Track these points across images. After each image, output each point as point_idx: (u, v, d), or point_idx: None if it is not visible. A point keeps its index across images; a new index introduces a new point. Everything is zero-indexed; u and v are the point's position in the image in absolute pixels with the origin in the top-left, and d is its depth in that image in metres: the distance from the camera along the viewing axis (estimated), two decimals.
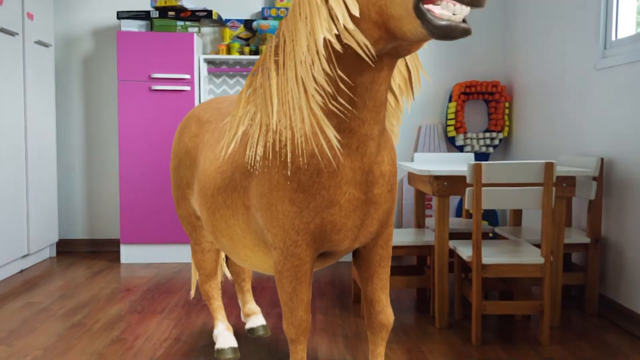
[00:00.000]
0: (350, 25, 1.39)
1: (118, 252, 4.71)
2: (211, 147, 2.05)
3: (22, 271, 4.07)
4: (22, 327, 2.89)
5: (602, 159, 3.07)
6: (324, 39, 1.52)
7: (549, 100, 3.89)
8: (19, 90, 3.95)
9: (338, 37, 1.50)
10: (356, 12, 1.37)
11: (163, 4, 4.25)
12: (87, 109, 4.72)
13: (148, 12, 4.30)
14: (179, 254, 4.36)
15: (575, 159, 3.30)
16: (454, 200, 4.72)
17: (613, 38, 3.15)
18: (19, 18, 3.95)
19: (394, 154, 1.73)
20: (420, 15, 1.25)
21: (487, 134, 4.60)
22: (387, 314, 1.85)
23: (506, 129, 4.60)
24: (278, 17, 4.51)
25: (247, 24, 4.55)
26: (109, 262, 4.37)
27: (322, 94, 1.51)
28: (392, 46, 1.43)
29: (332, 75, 1.53)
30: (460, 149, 4.68)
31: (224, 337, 2.43)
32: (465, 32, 1.23)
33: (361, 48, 1.45)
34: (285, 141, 1.63)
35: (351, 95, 1.54)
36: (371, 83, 1.52)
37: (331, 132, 1.51)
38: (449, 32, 1.23)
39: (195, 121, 2.27)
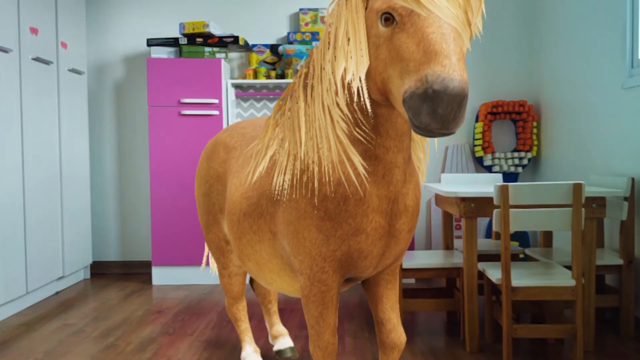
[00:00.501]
0: (356, 83, 1.44)
1: (150, 274, 4.78)
2: (236, 173, 2.09)
3: (57, 293, 4.16)
4: (57, 348, 2.95)
5: (632, 179, 3.03)
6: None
7: (577, 119, 3.86)
8: (54, 117, 4.08)
9: None
10: (362, 73, 1.42)
11: (191, 31, 4.36)
12: (119, 134, 4.84)
13: (177, 39, 4.41)
14: (209, 275, 4.41)
15: (605, 179, 3.26)
16: (483, 222, 4.69)
17: None
18: (54, 47, 4.09)
19: (419, 192, 1.74)
20: (406, 110, 1.27)
21: (516, 154, 4.57)
22: (398, 333, 1.85)
23: (535, 148, 4.56)
24: (303, 42, 4.58)
25: (273, 48, 4.63)
26: (141, 283, 4.44)
27: (347, 121, 1.55)
28: None
29: (355, 104, 1.57)
30: (489, 169, 4.65)
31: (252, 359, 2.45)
32: (443, 134, 1.25)
33: (363, 100, 1.52)
34: (312, 169, 1.66)
35: (374, 124, 1.57)
36: (389, 114, 1.55)
37: (357, 159, 1.54)
38: (428, 134, 1.26)
39: (223, 147, 2.31)
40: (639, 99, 3.07)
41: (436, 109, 1.20)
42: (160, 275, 4.40)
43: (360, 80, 1.48)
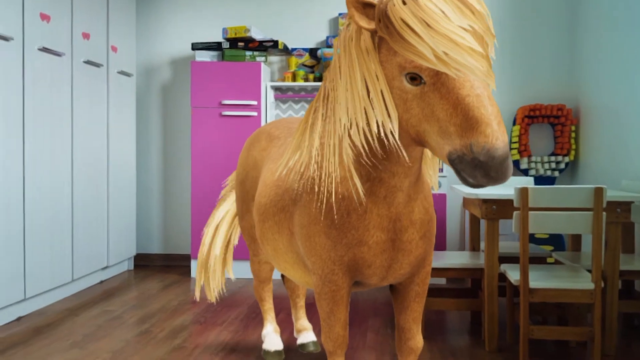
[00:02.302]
0: (388, 127, 1.46)
1: (189, 267, 4.99)
2: (275, 160, 2.20)
3: (102, 282, 4.41)
4: (95, 332, 3.16)
5: None
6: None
7: (614, 125, 3.81)
8: (103, 117, 4.33)
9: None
10: (395, 120, 1.45)
11: (233, 36, 4.54)
12: (163, 134, 5.07)
13: (220, 43, 4.60)
14: (245, 270, 4.57)
15: (636, 184, 3.22)
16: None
17: None
18: (104, 51, 4.35)
19: (429, 201, 1.78)
20: (453, 167, 1.35)
21: (553, 158, 4.53)
22: (416, 340, 1.93)
23: (572, 152, 4.51)
24: None
25: (312, 52, 4.76)
26: (180, 275, 4.65)
27: (354, 150, 1.64)
28: None
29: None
30: (525, 172, 4.63)
31: (271, 339, 2.61)
32: (494, 184, 1.34)
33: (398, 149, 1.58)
34: (321, 181, 1.76)
35: (387, 151, 1.61)
36: (407, 146, 1.57)
37: (358, 183, 1.62)
38: (478, 187, 1.35)
39: (266, 136, 2.42)
40: None
41: (488, 173, 1.29)
42: None
43: (392, 130, 1.48)
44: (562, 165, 4.54)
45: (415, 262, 1.80)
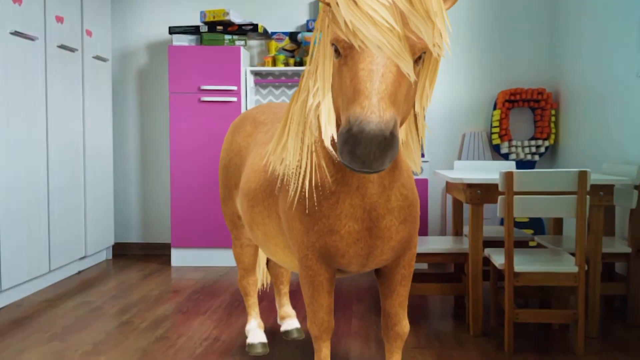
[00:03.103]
0: (314, 110, 1.53)
1: (169, 256, 4.92)
2: (263, 145, 2.17)
3: (79, 272, 4.33)
4: (75, 323, 3.10)
5: None
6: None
7: (594, 108, 3.83)
8: (79, 103, 4.22)
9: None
10: (323, 101, 1.46)
11: (212, 19, 4.44)
12: (141, 120, 4.97)
13: (198, 27, 4.50)
14: (226, 257, 4.52)
15: (617, 167, 3.24)
16: (496, 208, 4.69)
17: None
18: (79, 35, 4.22)
19: (408, 187, 1.73)
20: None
21: (533, 142, 4.55)
22: (402, 325, 1.92)
23: (552, 136, 4.53)
24: None
25: (292, 36, 4.69)
26: (160, 264, 4.58)
27: (318, 135, 1.62)
28: None
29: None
30: (506, 156, 4.65)
31: (255, 333, 2.57)
32: (368, 172, 1.26)
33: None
34: (293, 170, 1.74)
35: None
36: None
37: (325, 170, 1.63)
38: (353, 170, 1.27)
39: (251, 121, 2.39)
40: None
41: (354, 150, 1.20)
42: (179, 257, 4.53)
43: (324, 109, 1.50)
44: (542, 149, 4.56)
45: (398, 246, 1.78)
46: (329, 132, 1.48)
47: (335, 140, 1.60)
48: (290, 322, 2.79)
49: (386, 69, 1.28)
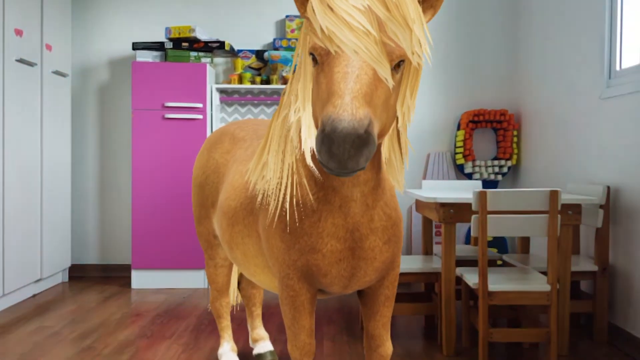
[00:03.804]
0: (296, 121, 1.53)
1: (129, 277, 4.76)
2: (243, 161, 2.11)
3: (34, 295, 4.12)
4: (33, 350, 2.93)
5: (608, 187, 3.09)
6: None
7: (556, 129, 3.93)
8: (36, 119, 4.06)
9: None
10: (306, 108, 1.45)
11: (177, 36, 4.37)
12: (101, 137, 4.82)
13: (162, 43, 4.42)
14: (189, 279, 4.40)
15: (582, 187, 3.32)
16: (463, 228, 4.73)
17: (617, 68, 3.20)
18: (38, 49, 4.08)
19: (391, 206, 1.70)
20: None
21: (496, 162, 4.63)
22: (386, 347, 1.88)
23: (514, 156, 4.63)
24: (289, 48, 4.61)
25: (259, 54, 4.66)
26: (120, 287, 4.42)
27: (298, 153, 1.59)
28: None
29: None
30: (469, 176, 4.71)
31: (228, 357, 2.49)
32: (346, 174, 1.24)
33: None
34: (274, 186, 1.70)
35: None
36: None
37: (307, 188, 1.59)
38: (333, 173, 1.25)
39: (229, 138, 2.32)
40: (616, 109, 3.14)
41: (330, 149, 1.19)
42: (140, 279, 4.38)
43: (303, 119, 1.48)
44: (505, 169, 4.65)
45: (382, 267, 1.74)
46: (309, 144, 1.45)
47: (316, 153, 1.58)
48: (263, 345, 2.72)
49: (362, 71, 1.27)
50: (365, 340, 1.90)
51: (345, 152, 1.19)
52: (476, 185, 3.78)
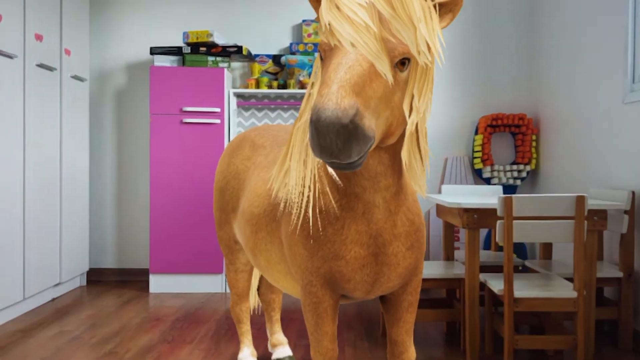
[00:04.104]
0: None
1: (147, 282, 4.76)
2: (265, 168, 2.10)
3: (53, 299, 4.13)
4: (55, 355, 2.93)
5: (633, 192, 3.05)
6: None
7: (577, 133, 3.89)
8: (56, 123, 4.08)
9: None
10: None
11: (195, 40, 4.38)
12: (119, 142, 4.84)
13: (180, 48, 4.43)
14: (207, 284, 4.39)
15: (605, 192, 3.28)
16: (482, 233, 4.70)
17: None
18: (57, 54, 4.10)
19: (414, 212, 1.69)
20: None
21: (515, 167, 4.60)
22: (409, 353, 1.87)
23: (533, 161, 4.59)
24: (306, 52, 4.61)
25: (276, 59, 4.66)
26: (138, 291, 4.42)
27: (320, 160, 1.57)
28: None
29: None
30: (487, 181, 4.68)
31: None
32: (340, 166, 1.22)
33: None
34: (299, 194, 1.69)
35: None
36: None
37: (330, 196, 1.58)
38: (330, 166, 1.24)
39: (249, 144, 2.32)
40: None
41: (318, 140, 1.17)
42: (158, 283, 4.38)
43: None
44: (524, 174, 4.61)
45: (405, 272, 1.73)
46: None
47: None
48: (282, 350, 2.70)
49: (355, 63, 1.25)
50: (389, 347, 1.89)
51: (333, 144, 1.16)
52: (497, 190, 3.75)
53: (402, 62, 1.32)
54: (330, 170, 1.47)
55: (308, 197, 1.66)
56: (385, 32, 1.30)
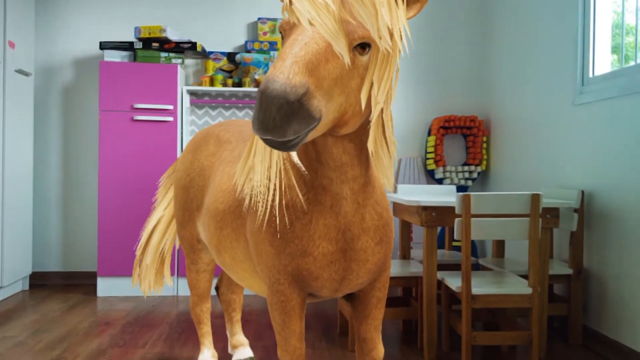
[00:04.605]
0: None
1: (94, 285, 4.59)
2: (230, 163, 2.04)
3: None
4: None
5: (582, 192, 3.15)
6: None
7: (526, 134, 4.00)
8: None
9: None
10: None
11: (147, 35, 4.26)
12: (65, 139, 4.65)
13: (132, 43, 4.30)
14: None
15: (555, 191, 3.37)
16: None
17: (590, 75, 3.27)
18: (0, 47, 3.90)
19: (383, 206, 1.67)
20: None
21: (466, 167, 4.68)
22: (378, 350, 1.85)
23: (484, 162, 4.69)
24: (261, 51, 4.56)
25: (230, 56, 4.59)
26: (84, 295, 4.25)
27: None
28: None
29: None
30: (440, 181, 4.74)
31: None
32: (273, 144, 1.20)
33: None
34: (265, 189, 1.64)
35: (316, 153, 1.53)
36: (324, 144, 1.50)
37: (297, 189, 1.53)
38: (265, 142, 1.22)
39: (214, 140, 2.26)
40: (589, 115, 3.21)
41: (257, 113, 1.15)
42: (106, 287, 4.23)
43: None
44: (475, 175, 4.70)
45: (374, 269, 1.70)
46: None
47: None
48: (243, 351, 2.65)
49: (312, 40, 1.23)
50: (357, 344, 1.87)
51: (271, 118, 1.13)
52: (451, 190, 3.80)
53: (362, 47, 1.29)
54: (296, 160, 1.42)
55: (274, 191, 1.62)
56: (346, 14, 1.27)
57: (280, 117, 1.12)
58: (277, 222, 1.61)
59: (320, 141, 1.49)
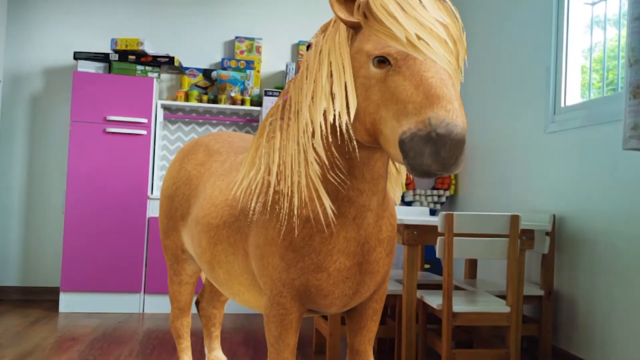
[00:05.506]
0: (344, 120, 1.44)
1: (55, 301, 4.43)
2: (221, 176, 2.02)
3: None
4: None
5: (554, 215, 3.27)
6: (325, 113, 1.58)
7: (496, 160, 4.13)
8: None
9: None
10: (352, 110, 1.42)
11: (124, 48, 4.22)
12: (31, 149, 4.51)
13: (107, 55, 4.25)
14: (123, 303, 4.16)
15: (527, 215, 3.49)
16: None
17: (562, 105, 3.43)
18: None
19: (394, 219, 1.72)
20: (403, 151, 1.27)
21: (435, 192, 4.79)
22: None
23: (452, 187, 4.80)
24: (238, 69, 4.58)
25: (206, 73, 4.59)
26: (45, 310, 4.10)
27: (320, 164, 1.55)
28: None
29: (333, 147, 1.56)
30: (409, 204, 4.82)
31: None
32: (441, 175, 1.29)
33: (350, 142, 1.53)
34: (283, 202, 1.64)
35: (349, 166, 1.55)
36: (368, 157, 1.53)
37: (327, 202, 1.53)
38: (425, 175, 1.28)
39: (204, 149, 2.23)
40: (560, 142, 3.36)
41: (439, 152, 1.21)
42: (69, 302, 4.09)
43: (348, 121, 1.46)
44: (443, 199, 4.81)
45: (380, 280, 1.72)
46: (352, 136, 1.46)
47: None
48: None
49: (449, 80, 1.32)
50: (349, 356, 1.87)
51: (454, 157, 1.22)
52: (424, 211, 3.88)
53: (383, 61, 1.38)
54: (329, 174, 1.46)
55: (299, 202, 1.60)
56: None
57: (458, 155, 1.22)
58: (296, 234, 1.60)
59: (364, 154, 1.51)
